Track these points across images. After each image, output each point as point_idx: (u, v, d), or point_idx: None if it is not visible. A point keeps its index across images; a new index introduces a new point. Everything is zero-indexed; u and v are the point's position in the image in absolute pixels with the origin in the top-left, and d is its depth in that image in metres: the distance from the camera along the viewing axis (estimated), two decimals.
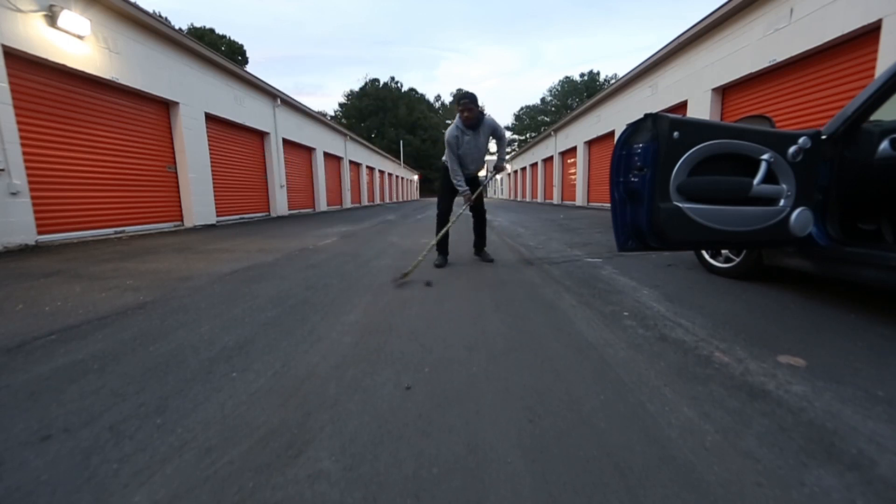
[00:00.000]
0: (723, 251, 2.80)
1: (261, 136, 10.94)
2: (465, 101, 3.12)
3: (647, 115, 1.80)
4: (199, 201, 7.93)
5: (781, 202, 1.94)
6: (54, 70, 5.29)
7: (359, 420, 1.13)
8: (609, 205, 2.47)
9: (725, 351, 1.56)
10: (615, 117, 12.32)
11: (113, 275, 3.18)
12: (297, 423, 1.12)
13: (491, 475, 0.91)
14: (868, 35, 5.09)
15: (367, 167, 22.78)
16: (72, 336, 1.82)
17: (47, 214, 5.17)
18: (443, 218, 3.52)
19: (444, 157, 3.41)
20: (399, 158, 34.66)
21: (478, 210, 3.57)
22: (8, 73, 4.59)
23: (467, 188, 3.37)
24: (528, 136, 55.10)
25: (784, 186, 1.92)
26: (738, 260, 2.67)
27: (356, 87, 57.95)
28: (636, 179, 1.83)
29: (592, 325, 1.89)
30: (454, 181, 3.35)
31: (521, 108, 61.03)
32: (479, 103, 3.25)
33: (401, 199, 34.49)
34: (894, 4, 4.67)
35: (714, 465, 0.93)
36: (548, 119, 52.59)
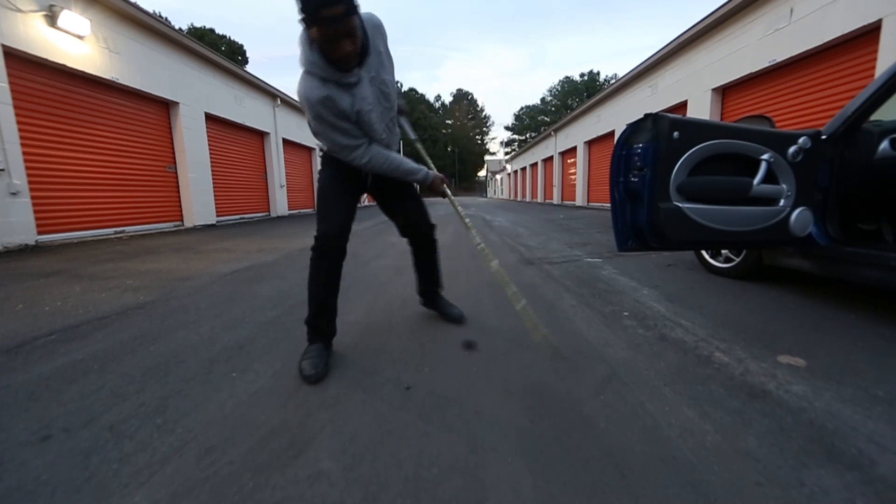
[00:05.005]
0: (723, 251, 2.80)
1: (261, 135, 10.94)
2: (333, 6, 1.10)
3: (647, 115, 1.80)
4: (198, 201, 7.93)
5: (781, 202, 1.94)
6: (54, 70, 5.29)
7: (359, 420, 1.13)
8: (609, 205, 2.47)
9: (725, 351, 1.56)
10: (615, 117, 12.32)
11: (113, 275, 3.18)
12: (297, 423, 1.12)
13: (491, 475, 0.91)
14: (868, 35, 5.10)
15: None
16: (72, 336, 1.82)
17: (47, 214, 5.17)
18: (328, 251, 1.48)
19: (320, 146, 1.53)
20: None
21: (416, 227, 1.79)
22: (8, 73, 4.60)
23: (430, 170, 1.63)
24: (528, 136, 55.25)
25: (784, 186, 1.92)
26: (738, 260, 2.67)
27: None
28: (636, 179, 1.82)
29: (592, 325, 1.89)
30: (383, 167, 1.48)
31: (521, 108, 61.27)
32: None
33: None
34: (894, 4, 4.67)
35: (714, 465, 0.93)
36: (548, 119, 52.63)
